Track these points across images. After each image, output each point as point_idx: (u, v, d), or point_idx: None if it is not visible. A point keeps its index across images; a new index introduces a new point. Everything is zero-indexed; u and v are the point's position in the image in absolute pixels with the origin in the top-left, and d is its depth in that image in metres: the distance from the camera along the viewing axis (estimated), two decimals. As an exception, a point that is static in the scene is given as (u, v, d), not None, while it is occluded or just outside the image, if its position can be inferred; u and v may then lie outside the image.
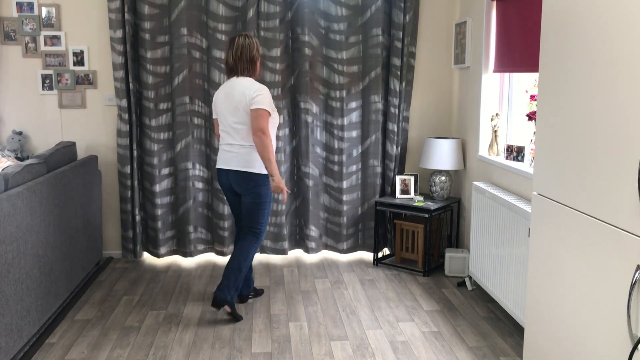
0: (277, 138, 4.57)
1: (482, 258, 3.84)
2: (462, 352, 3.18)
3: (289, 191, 4.49)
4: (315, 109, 4.63)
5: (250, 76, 3.56)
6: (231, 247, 4.75)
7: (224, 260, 4.78)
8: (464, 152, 4.56)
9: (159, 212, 4.64)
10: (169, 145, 4.62)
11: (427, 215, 4.29)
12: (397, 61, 4.54)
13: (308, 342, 3.32)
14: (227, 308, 3.53)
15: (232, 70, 3.55)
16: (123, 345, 3.28)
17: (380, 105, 4.64)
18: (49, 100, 4.58)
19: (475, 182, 4.00)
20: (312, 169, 4.69)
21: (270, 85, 4.53)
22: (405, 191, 4.58)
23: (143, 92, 4.53)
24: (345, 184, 4.71)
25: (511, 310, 3.40)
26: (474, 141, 4.31)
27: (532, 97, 3.84)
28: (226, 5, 4.44)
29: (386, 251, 4.95)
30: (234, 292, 3.52)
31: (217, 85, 4.51)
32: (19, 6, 4.44)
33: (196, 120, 4.59)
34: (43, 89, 4.55)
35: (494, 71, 4.05)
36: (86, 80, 4.57)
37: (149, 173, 4.61)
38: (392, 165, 4.67)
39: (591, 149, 2.00)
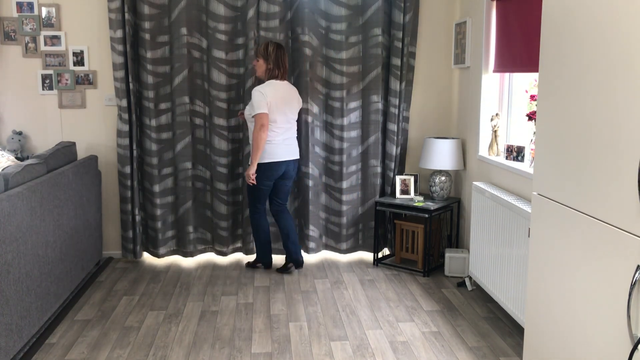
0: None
1: (482, 258, 3.84)
2: (462, 352, 3.18)
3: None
4: (315, 109, 4.63)
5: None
6: (231, 247, 4.75)
7: (224, 260, 4.78)
8: (464, 152, 4.56)
9: (158, 212, 4.64)
10: (169, 145, 4.62)
11: (427, 216, 4.29)
12: (397, 61, 4.54)
13: (308, 342, 3.32)
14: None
15: (283, 73, 4.19)
16: (123, 345, 3.28)
17: (380, 105, 4.63)
18: (49, 100, 4.58)
19: (475, 182, 4.00)
20: (312, 169, 4.69)
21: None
22: (405, 191, 4.58)
23: (143, 92, 4.53)
24: (345, 184, 4.71)
25: (511, 310, 3.40)
26: (474, 141, 4.31)
27: (532, 97, 3.84)
28: (226, 5, 4.44)
29: (386, 251, 4.95)
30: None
31: (217, 85, 4.51)
32: (19, 6, 4.44)
33: (196, 120, 4.60)
34: (43, 89, 4.55)
35: (494, 71, 4.05)
36: (86, 80, 4.57)
37: (149, 173, 4.61)
38: (392, 165, 4.67)
39: (591, 149, 2.00)
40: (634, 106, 1.76)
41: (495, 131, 4.01)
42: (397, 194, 4.58)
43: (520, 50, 3.66)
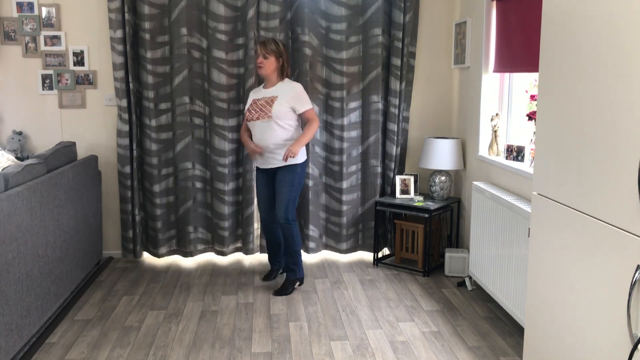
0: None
1: (482, 258, 3.84)
2: (462, 352, 3.18)
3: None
4: (315, 109, 4.63)
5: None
6: (231, 247, 4.75)
7: (224, 260, 4.78)
8: (464, 152, 4.56)
9: (158, 212, 4.64)
10: (169, 145, 4.62)
11: (427, 215, 4.29)
12: (397, 61, 4.54)
13: (308, 342, 3.32)
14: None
15: (290, 71, 4.18)
16: (123, 345, 3.28)
17: (380, 105, 4.64)
18: (49, 100, 4.58)
19: (475, 182, 4.00)
20: (312, 169, 4.69)
21: (270, 85, 4.53)
22: (405, 191, 4.58)
23: (143, 92, 4.53)
24: (345, 184, 4.71)
25: (511, 310, 3.40)
26: (474, 141, 4.31)
27: (532, 97, 3.84)
28: (226, 5, 4.44)
29: (386, 251, 4.95)
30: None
31: (217, 85, 4.51)
32: (19, 6, 4.44)
33: (196, 120, 4.60)
34: (43, 89, 4.55)
35: (494, 71, 4.05)
36: (86, 80, 4.57)
37: (149, 173, 4.61)
38: (392, 165, 4.67)
39: (591, 149, 2.00)
40: (633, 106, 1.76)
41: (495, 131, 4.01)
42: (397, 194, 4.58)
43: (520, 50, 3.66)
